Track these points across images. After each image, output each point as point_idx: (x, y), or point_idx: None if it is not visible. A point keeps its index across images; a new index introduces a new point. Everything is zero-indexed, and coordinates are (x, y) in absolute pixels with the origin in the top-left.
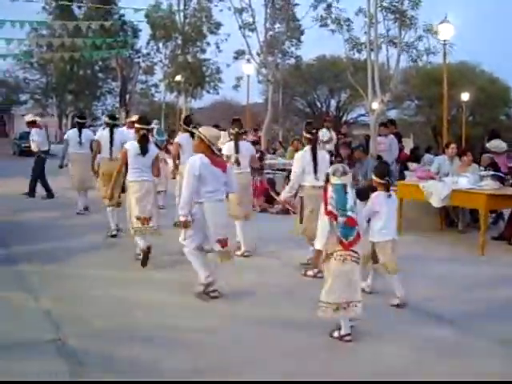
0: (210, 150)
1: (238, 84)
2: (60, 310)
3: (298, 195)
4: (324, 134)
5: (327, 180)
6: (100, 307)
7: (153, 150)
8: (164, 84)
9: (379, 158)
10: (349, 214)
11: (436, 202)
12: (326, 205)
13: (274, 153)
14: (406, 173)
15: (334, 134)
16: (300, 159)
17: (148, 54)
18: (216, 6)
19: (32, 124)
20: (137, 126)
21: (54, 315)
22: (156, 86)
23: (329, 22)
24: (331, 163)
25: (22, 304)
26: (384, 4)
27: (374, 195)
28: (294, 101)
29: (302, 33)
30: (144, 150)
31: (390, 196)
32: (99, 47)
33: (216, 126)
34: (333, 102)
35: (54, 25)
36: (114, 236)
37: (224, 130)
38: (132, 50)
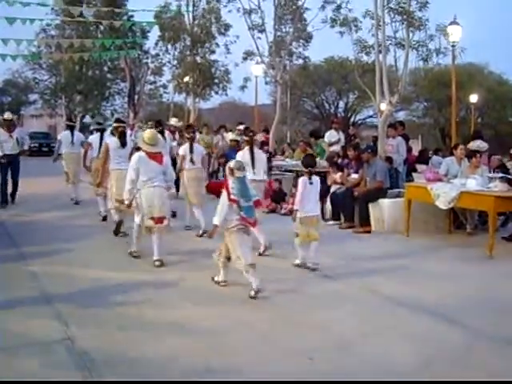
0: (146, 146)
1: (245, 85)
2: (70, 309)
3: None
4: (331, 135)
5: (231, 173)
6: (110, 307)
7: (129, 143)
8: (172, 85)
9: (388, 159)
10: (252, 199)
11: (443, 204)
12: (228, 194)
13: (282, 154)
14: (414, 174)
15: (342, 136)
16: (239, 158)
17: (157, 54)
18: (225, 6)
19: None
20: (115, 125)
21: (64, 314)
22: (164, 86)
23: (337, 23)
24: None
25: (32, 303)
26: (391, 6)
27: (300, 180)
28: (303, 102)
29: (309, 35)
30: (123, 144)
31: (311, 182)
32: (108, 48)
33: (222, 127)
34: (341, 104)
35: (63, 25)
36: (104, 219)
37: (231, 131)
38: (140, 51)
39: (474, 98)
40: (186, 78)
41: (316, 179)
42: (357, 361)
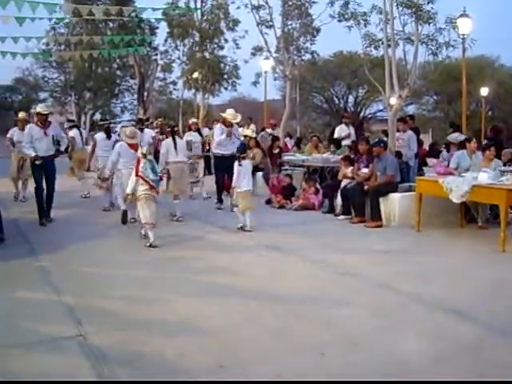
0: (127, 139)
1: (257, 80)
2: (82, 306)
3: (165, 168)
4: (342, 129)
5: (144, 157)
6: (122, 303)
7: (113, 136)
8: (182, 81)
9: (398, 153)
10: (159, 174)
11: (456, 198)
12: (137, 171)
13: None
14: (424, 168)
15: (352, 130)
16: (165, 145)
17: (166, 51)
18: (233, 2)
19: None
20: (100, 122)
21: (76, 311)
22: (174, 83)
23: (345, 18)
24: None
25: (44, 300)
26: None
27: (235, 165)
28: (312, 97)
29: (317, 30)
30: (109, 137)
31: (241, 164)
32: (117, 45)
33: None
34: (350, 98)
35: (72, 23)
36: (108, 210)
37: (242, 126)
38: (149, 48)
39: (484, 91)
40: (195, 74)
41: (245, 162)
42: (369, 356)
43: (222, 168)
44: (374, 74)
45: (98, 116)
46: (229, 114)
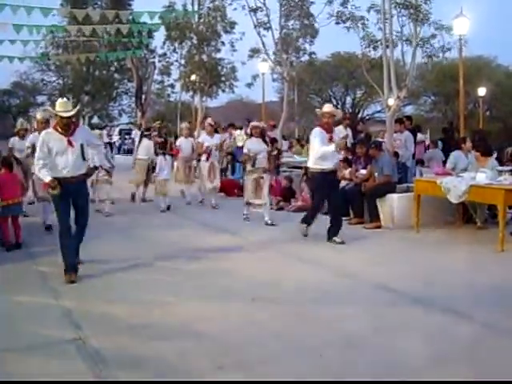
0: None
1: (252, 82)
2: (81, 309)
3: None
4: (339, 131)
5: None
6: (121, 306)
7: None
8: (180, 84)
9: (395, 154)
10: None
11: (454, 198)
12: None
13: (290, 148)
14: (422, 169)
15: (350, 132)
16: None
17: (164, 54)
18: (230, 4)
19: None
20: (146, 133)
21: (75, 315)
22: (172, 86)
23: (344, 18)
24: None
25: (43, 304)
26: (397, 0)
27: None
28: (310, 98)
29: (316, 31)
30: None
31: (166, 159)
32: (114, 48)
33: (231, 125)
34: (348, 99)
35: (70, 29)
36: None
37: (241, 129)
38: (147, 51)
39: (482, 92)
40: (193, 77)
41: (168, 157)
42: (369, 357)
43: (324, 188)
44: (371, 75)
45: (95, 119)
46: (331, 110)
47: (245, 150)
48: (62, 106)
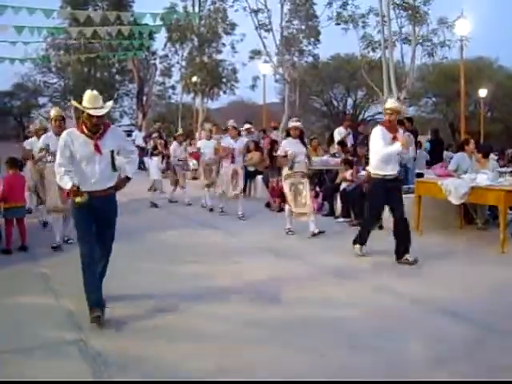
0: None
1: (254, 84)
2: (82, 310)
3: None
4: (340, 132)
5: None
6: (123, 308)
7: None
8: (181, 85)
9: None
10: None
11: (455, 200)
12: None
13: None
14: (424, 170)
15: (351, 133)
16: None
17: (165, 55)
18: (231, 6)
19: None
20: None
21: (77, 316)
22: (173, 87)
23: (344, 19)
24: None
25: (44, 305)
26: (396, 1)
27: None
28: (311, 100)
29: (318, 32)
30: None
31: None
32: (115, 49)
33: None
34: (349, 101)
35: (71, 31)
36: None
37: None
38: (148, 52)
39: (483, 93)
40: (194, 78)
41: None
42: (369, 358)
43: (381, 198)
44: (372, 76)
45: None
46: (394, 106)
47: (280, 152)
48: (92, 101)
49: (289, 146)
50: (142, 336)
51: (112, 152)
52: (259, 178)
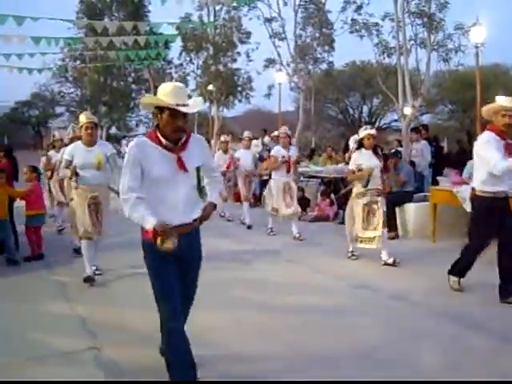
0: None
1: (269, 92)
2: (97, 318)
3: None
4: (355, 139)
5: None
6: (137, 316)
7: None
8: (197, 94)
9: (412, 163)
10: None
11: (470, 207)
12: None
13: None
14: (438, 178)
15: None
16: None
17: (181, 64)
18: (245, 15)
19: None
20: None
21: (91, 324)
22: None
23: (358, 27)
24: None
25: (59, 313)
26: (411, 9)
27: None
28: (326, 108)
29: (333, 40)
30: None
31: None
32: (132, 59)
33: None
34: (365, 109)
35: (87, 41)
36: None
37: (256, 139)
38: (164, 61)
39: (499, 100)
40: (210, 87)
41: None
42: (383, 366)
43: (491, 221)
44: (388, 84)
45: (113, 130)
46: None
47: (352, 167)
48: (177, 95)
49: (362, 160)
50: (156, 343)
51: (198, 169)
52: None
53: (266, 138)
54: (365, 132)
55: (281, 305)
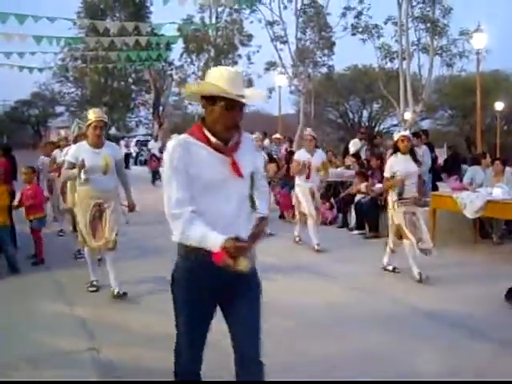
0: None
1: (270, 95)
2: (95, 319)
3: None
4: (355, 144)
5: None
6: (136, 317)
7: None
8: None
9: None
10: None
11: (470, 214)
12: None
13: None
14: (438, 184)
15: (365, 145)
16: None
17: (181, 66)
18: (247, 18)
19: None
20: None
21: (90, 325)
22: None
23: (359, 30)
24: None
25: (57, 313)
26: (415, 14)
27: None
28: (326, 111)
29: (333, 43)
30: None
31: None
32: (133, 60)
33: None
34: (365, 113)
35: (88, 41)
36: None
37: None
38: (165, 63)
39: (499, 106)
40: None
41: None
42: (381, 370)
43: None
44: (388, 88)
45: (113, 130)
46: None
47: (386, 173)
48: (233, 81)
49: (398, 166)
50: (154, 345)
51: (252, 175)
52: None
53: (266, 141)
54: (398, 134)
55: (280, 308)
